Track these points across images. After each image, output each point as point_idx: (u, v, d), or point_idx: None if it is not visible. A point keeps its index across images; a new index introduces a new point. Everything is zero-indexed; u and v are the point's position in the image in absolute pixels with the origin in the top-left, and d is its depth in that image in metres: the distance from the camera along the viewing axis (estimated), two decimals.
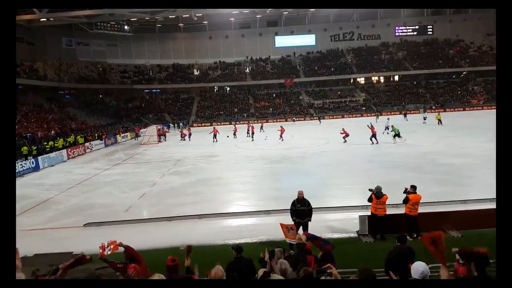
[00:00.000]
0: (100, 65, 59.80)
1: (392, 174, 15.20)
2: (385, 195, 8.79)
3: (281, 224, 7.51)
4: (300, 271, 4.17)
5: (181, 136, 35.48)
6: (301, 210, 8.50)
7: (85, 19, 50.26)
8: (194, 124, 53.47)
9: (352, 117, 51.70)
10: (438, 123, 33.97)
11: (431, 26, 66.38)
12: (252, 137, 31.61)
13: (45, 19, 45.87)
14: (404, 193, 8.84)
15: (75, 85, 51.66)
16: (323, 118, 52.37)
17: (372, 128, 25.14)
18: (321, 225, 9.59)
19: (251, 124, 35.27)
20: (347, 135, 26.20)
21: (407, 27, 67.03)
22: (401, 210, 9.69)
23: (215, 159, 22.57)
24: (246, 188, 15.00)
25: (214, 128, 33.44)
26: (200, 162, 21.85)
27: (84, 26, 55.17)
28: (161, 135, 36.08)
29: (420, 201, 8.76)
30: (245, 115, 56.34)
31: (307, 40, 67.19)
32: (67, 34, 55.70)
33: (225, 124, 49.36)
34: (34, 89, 42.12)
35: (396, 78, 63.48)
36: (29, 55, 46.35)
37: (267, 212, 11.09)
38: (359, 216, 9.19)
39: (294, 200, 8.69)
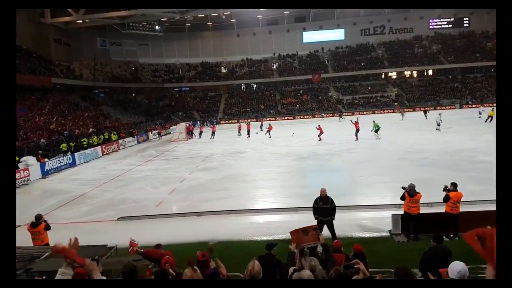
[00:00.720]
0: (132, 64, 61.66)
1: (426, 172, 14.62)
2: (419, 193, 8.46)
3: (291, 232, 6.04)
4: (330, 271, 4.08)
5: (190, 133, 36.56)
6: (324, 208, 8.29)
7: (118, 20, 51.78)
8: (222, 121, 54.07)
9: (384, 113, 50.23)
10: (487, 120, 30.71)
11: (467, 18, 63.22)
12: (248, 133, 32.96)
13: (81, 21, 47.70)
14: (443, 191, 8.44)
15: (109, 84, 53.51)
16: (353, 114, 51.23)
17: (356, 123, 26.25)
18: (352, 223, 9.41)
19: (248, 122, 37.15)
20: (321, 132, 26.73)
21: (442, 20, 64.21)
22: (435, 209, 9.33)
23: (242, 156, 22.66)
24: (273, 185, 14.93)
25: (212, 126, 38.03)
26: (228, 158, 22.01)
27: (117, 26, 56.92)
28: (191, 131, 36.94)
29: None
30: (271, 111, 56.23)
31: (336, 34, 65.93)
32: (101, 35, 57.68)
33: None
34: (70, 88, 44.00)
35: (430, 72, 61.06)
36: (66, 56, 48.48)
37: (295, 210, 10.99)
38: (392, 215, 8.90)
39: (316, 198, 8.51)
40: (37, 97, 35.15)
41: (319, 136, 26.77)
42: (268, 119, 52.36)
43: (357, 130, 25.78)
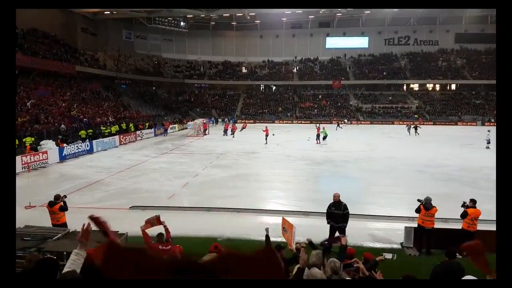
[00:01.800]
0: (155, 58, 62.48)
1: (443, 186, 14.28)
2: (435, 207, 8.25)
3: (283, 218, 7.31)
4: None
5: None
6: (336, 213, 8.18)
7: (145, 14, 52.59)
8: (238, 121, 54.19)
9: (403, 124, 49.22)
10: None
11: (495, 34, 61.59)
12: (225, 133, 35.04)
13: (108, 12, 48.63)
14: (462, 206, 8.22)
15: (131, 76, 54.31)
16: (371, 123, 50.62)
17: (318, 128, 28.74)
18: (363, 233, 9.24)
19: (234, 124, 39.02)
20: (267, 134, 28.45)
21: (469, 34, 62.87)
22: (450, 225, 9.11)
23: (255, 156, 22.65)
24: (285, 187, 14.84)
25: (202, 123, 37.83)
26: (241, 157, 22.03)
27: (144, 20, 57.75)
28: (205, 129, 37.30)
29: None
30: (288, 114, 56.10)
31: (360, 42, 65.35)
32: (127, 27, 58.66)
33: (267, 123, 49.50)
34: (93, 77, 44.89)
35: (453, 86, 59.82)
36: (91, 45, 49.46)
37: (306, 214, 10.88)
38: (405, 227, 8.72)
39: (330, 203, 8.42)
40: (61, 83, 36.01)
41: (265, 138, 28.25)
42: (285, 121, 52.29)
43: (318, 135, 28.09)
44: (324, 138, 27.87)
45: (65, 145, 21.61)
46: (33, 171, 17.55)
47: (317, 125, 31.31)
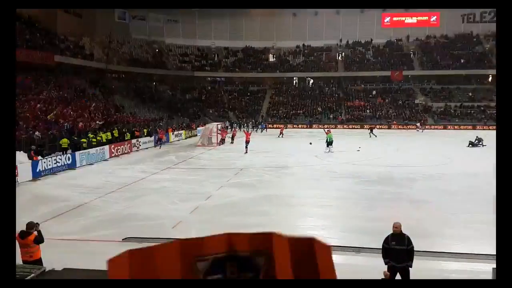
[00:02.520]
0: (156, 45, 64.02)
1: None
2: None
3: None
4: None
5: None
6: (397, 249, 8.00)
7: None
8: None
9: (489, 129, 47.78)
10: None
11: None
12: (232, 140, 37.84)
13: None
14: None
15: (125, 68, 55.99)
16: (446, 128, 49.61)
17: (327, 132, 31.29)
18: (435, 275, 8.99)
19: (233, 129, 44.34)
20: (247, 141, 30.79)
21: None
22: None
23: (287, 172, 22.68)
24: (327, 214, 14.71)
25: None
26: (268, 173, 22.09)
27: None
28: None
29: None
30: (331, 116, 55.74)
31: (428, 19, 64.62)
32: None
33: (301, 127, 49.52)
34: (77, 70, 46.30)
35: None
36: (74, 29, 50.85)
37: (356, 250, 10.74)
38: (493, 268, 8.43)
39: (388, 236, 8.25)
40: (36, 78, 37.22)
41: (246, 146, 30.72)
42: (326, 125, 52.10)
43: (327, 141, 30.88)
44: (330, 144, 30.17)
45: (40, 158, 22.26)
46: None
47: (325, 129, 34.08)
